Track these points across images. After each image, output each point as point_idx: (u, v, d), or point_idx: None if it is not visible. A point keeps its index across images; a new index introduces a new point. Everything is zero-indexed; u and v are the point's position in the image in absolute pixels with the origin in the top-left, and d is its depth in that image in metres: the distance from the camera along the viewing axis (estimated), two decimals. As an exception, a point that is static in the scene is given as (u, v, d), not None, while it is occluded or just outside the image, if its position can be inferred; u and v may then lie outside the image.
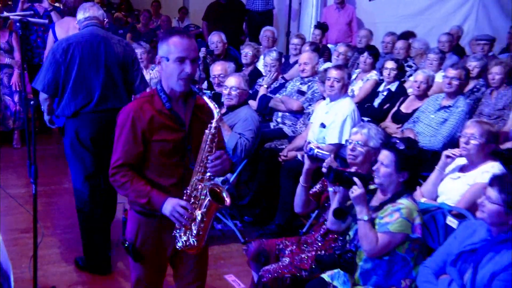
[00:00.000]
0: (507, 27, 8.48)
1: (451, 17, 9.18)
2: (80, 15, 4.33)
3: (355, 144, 3.58)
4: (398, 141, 3.29)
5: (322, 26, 8.61)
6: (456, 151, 3.89)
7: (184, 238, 2.56)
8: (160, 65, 2.58)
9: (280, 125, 5.68)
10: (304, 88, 5.81)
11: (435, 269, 2.90)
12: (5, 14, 5.92)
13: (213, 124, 2.52)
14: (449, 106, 5.13)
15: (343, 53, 6.96)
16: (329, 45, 8.35)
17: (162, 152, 2.61)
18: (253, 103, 5.90)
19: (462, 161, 3.85)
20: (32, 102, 3.79)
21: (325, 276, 3.28)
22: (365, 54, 6.73)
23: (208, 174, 2.55)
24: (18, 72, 6.76)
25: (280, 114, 5.75)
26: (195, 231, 2.52)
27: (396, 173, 3.10)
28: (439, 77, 5.89)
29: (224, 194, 2.56)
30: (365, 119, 5.45)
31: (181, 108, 2.63)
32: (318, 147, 3.61)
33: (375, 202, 3.22)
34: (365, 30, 8.40)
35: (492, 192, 2.67)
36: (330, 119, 4.79)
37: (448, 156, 3.93)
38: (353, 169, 3.36)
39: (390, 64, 6.17)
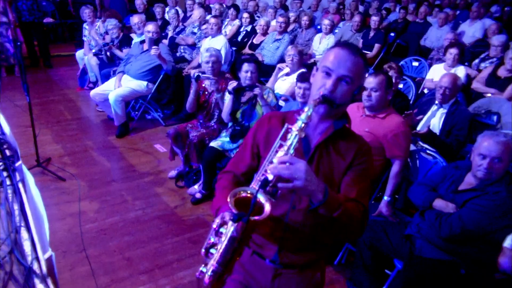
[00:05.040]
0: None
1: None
2: None
3: (212, 61, 3.44)
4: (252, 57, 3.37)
5: (205, -8, 8.23)
6: (284, 64, 4.05)
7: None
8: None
9: (183, 54, 5.55)
10: (195, 30, 5.66)
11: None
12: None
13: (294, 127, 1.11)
14: (280, 39, 5.28)
15: (218, 9, 6.78)
16: (210, 5, 8.03)
17: None
18: (165, 41, 5.67)
19: (287, 70, 4.00)
20: (18, 43, 3.45)
21: (214, 144, 3.22)
22: (232, 9, 6.57)
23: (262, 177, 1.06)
24: (12, 26, 6.06)
25: (182, 47, 5.60)
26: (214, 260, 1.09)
27: (258, 74, 3.15)
28: (274, 22, 5.96)
29: (262, 199, 1.05)
30: (233, 48, 5.47)
31: (316, 133, 1.29)
32: (201, 72, 3.46)
33: (247, 96, 3.18)
34: (231, -6, 8.13)
35: (307, 85, 2.74)
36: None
37: (279, 68, 4.11)
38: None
39: (246, 15, 6.14)
